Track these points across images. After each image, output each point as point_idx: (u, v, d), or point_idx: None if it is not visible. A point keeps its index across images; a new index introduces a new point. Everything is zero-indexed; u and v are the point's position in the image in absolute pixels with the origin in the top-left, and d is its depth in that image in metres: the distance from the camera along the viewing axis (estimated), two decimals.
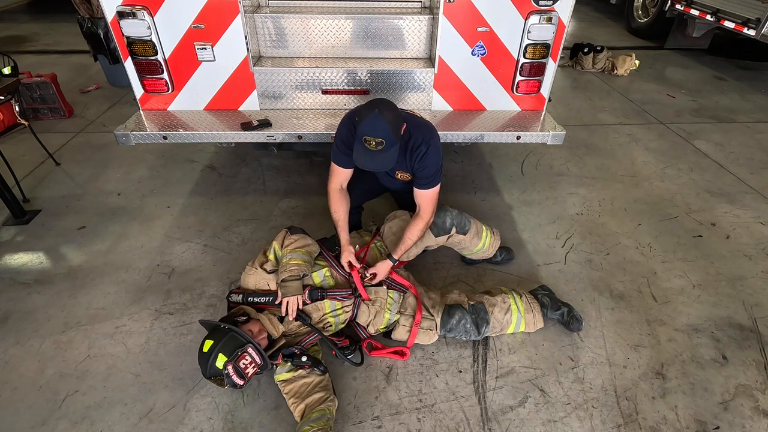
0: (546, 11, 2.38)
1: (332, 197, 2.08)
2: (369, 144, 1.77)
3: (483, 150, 3.64)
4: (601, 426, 1.74)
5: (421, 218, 2.03)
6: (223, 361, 1.56)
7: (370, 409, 1.79)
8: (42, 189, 3.09)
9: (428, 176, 1.98)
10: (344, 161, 2.03)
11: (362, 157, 1.84)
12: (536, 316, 2.04)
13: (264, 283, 1.89)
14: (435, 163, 1.99)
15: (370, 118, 1.75)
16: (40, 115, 4.00)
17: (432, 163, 1.97)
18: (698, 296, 2.32)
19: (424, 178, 1.99)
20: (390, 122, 1.76)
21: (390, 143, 1.78)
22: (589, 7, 8.33)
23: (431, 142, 1.96)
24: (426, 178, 1.99)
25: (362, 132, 1.77)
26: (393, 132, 1.77)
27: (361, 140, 1.79)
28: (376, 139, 1.75)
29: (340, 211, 2.07)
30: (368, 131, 1.75)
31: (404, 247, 2.02)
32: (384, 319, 1.95)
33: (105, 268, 2.43)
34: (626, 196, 3.09)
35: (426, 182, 2.00)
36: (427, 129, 2.01)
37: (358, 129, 1.79)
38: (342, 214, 2.06)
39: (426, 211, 2.03)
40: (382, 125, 1.74)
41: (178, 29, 2.39)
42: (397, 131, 1.80)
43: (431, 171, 1.98)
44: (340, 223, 2.06)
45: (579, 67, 5.48)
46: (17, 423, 1.73)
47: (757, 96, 4.85)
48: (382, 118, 1.74)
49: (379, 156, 1.81)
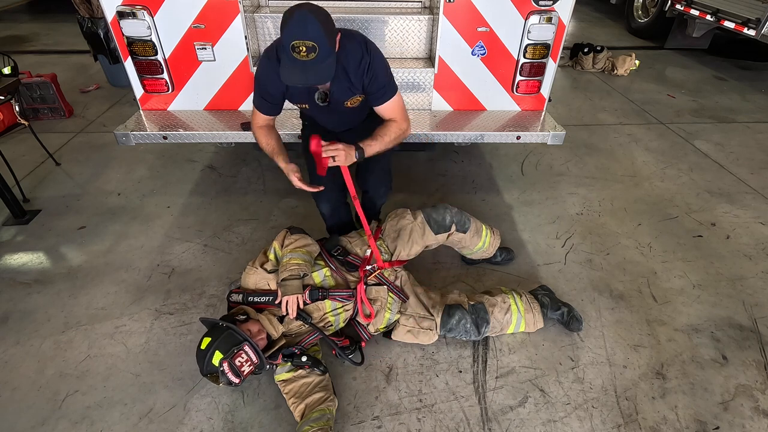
0: (546, 11, 2.38)
1: (258, 133, 1.94)
2: (299, 52, 1.49)
3: (483, 150, 3.64)
4: (601, 426, 1.74)
5: (396, 123, 1.88)
6: (219, 359, 1.56)
7: (370, 409, 1.79)
8: (42, 189, 3.09)
9: (383, 84, 1.81)
10: (266, 107, 1.90)
11: (292, 71, 1.56)
12: (536, 316, 2.04)
13: (264, 282, 1.89)
14: (384, 68, 1.81)
15: (297, 17, 1.48)
16: (40, 115, 4.00)
17: (381, 68, 1.80)
18: (698, 296, 2.32)
19: (380, 89, 1.82)
20: (322, 23, 1.50)
21: (325, 51, 1.52)
22: (589, 7, 8.33)
23: (369, 47, 1.77)
24: (382, 88, 1.82)
25: (289, 36, 1.48)
26: (327, 35, 1.51)
27: (288, 49, 1.50)
28: (306, 43, 1.47)
29: (272, 141, 1.92)
30: (298, 33, 1.47)
31: (376, 145, 1.84)
32: (384, 318, 1.95)
33: (105, 268, 2.43)
34: (626, 196, 3.09)
35: (383, 92, 1.83)
36: (359, 35, 1.80)
37: (284, 35, 1.50)
38: (274, 142, 1.92)
39: (401, 119, 1.88)
40: (313, 24, 1.47)
41: (178, 29, 2.39)
42: (331, 36, 1.56)
43: (383, 77, 1.80)
44: (275, 150, 1.90)
45: (579, 67, 5.48)
46: (17, 423, 1.73)
47: (757, 96, 4.85)
48: (312, 16, 1.48)
49: (313, 68, 1.54)
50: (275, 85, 1.81)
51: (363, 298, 1.91)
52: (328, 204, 2.18)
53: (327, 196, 2.09)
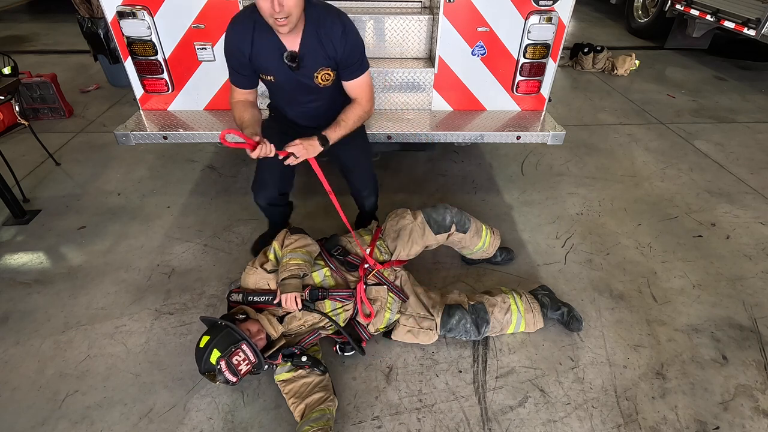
0: (546, 11, 2.38)
1: (235, 108, 1.90)
2: None
3: (483, 150, 3.64)
4: (601, 426, 1.74)
5: (360, 105, 1.88)
6: (217, 357, 1.56)
7: (370, 409, 1.79)
8: (42, 189, 3.09)
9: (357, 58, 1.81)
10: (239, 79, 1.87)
11: None
12: (536, 316, 2.04)
13: (264, 282, 1.89)
14: (360, 42, 1.81)
15: None
16: (40, 115, 4.00)
17: (358, 41, 1.79)
18: (698, 296, 2.32)
19: (354, 63, 1.82)
20: None
21: None
22: (589, 7, 8.33)
23: (344, 18, 1.77)
24: (356, 61, 1.82)
25: None
26: None
27: None
28: None
29: (245, 114, 1.86)
30: None
31: (340, 130, 1.85)
32: (384, 318, 1.95)
33: (105, 268, 2.43)
34: (626, 196, 3.09)
35: (358, 66, 1.83)
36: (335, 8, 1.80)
37: None
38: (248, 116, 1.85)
39: (366, 99, 1.88)
40: None
41: (178, 29, 2.39)
42: None
43: (359, 51, 1.80)
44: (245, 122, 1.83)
45: (579, 67, 5.48)
46: (17, 423, 1.73)
47: (757, 96, 4.85)
48: None
49: None
50: (240, 49, 1.78)
51: (363, 297, 1.91)
52: (264, 199, 2.14)
53: (263, 191, 2.09)
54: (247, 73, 1.89)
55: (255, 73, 1.90)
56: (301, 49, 1.79)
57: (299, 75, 1.85)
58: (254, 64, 1.84)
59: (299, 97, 1.98)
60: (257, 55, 1.81)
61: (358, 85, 1.87)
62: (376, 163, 3.19)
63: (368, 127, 2.50)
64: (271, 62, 1.83)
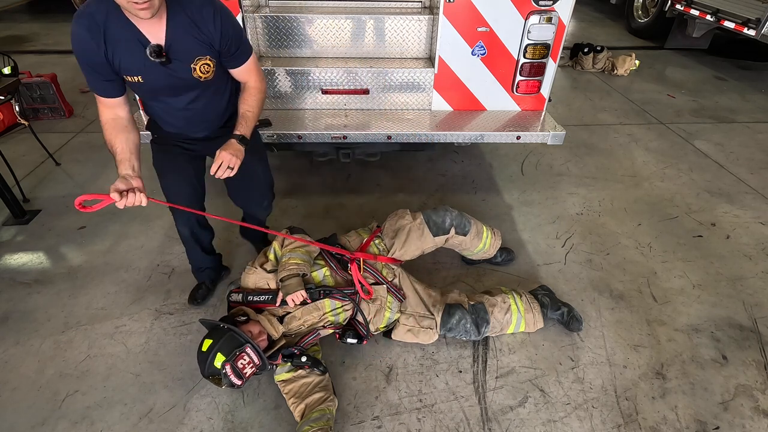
0: (546, 11, 2.38)
1: (106, 129, 1.60)
2: None
3: (483, 150, 3.64)
4: (601, 426, 1.74)
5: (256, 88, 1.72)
6: (222, 361, 1.55)
7: (370, 409, 1.79)
8: (42, 189, 3.09)
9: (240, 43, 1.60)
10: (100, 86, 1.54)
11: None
12: (536, 316, 2.04)
13: (264, 282, 1.89)
14: (235, 21, 1.59)
15: None
16: (40, 115, 4.00)
17: (232, 20, 1.57)
18: (698, 296, 2.32)
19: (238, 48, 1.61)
20: None
21: None
22: (589, 7, 8.33)
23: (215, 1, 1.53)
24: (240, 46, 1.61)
25: None
26: None
27: None
28: None
29: (117, 143, 1.59)
30: None
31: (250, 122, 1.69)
32: (384, 317, 1.95)
33: (105, 268, 2.43)
34: (626, 196, 3.09)
35: (243, 50, 1.64)
36: None
37: None
38: (119, 147, 1.59)
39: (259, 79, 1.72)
40: None
41: None
42: None
43: (238, 31, 1.58)
44: (118, 156, 1.58)
45: (579, 67, 5.48)
46: (17, 423, 1.73)
47: (757, 96, 4.85)
48: None
49: None
50: (91, 48, 1.44)
51: (360, 278, 1.90)
52: (185, 227, 2.00)
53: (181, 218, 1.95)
54: (110, 76, 1.53)
55: (119, 75, 1.54)
56: (168, 38, 1.47)
57: (173, 70, 1.54)
58: (114, 65, 1.50)
59: (178, 99, 1.66)
60: (114, 53, 1.47)
61: (246, 70, 1.68)
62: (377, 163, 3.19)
63: (368, 127, 2.51)
64: (135, 59, 1.49)
